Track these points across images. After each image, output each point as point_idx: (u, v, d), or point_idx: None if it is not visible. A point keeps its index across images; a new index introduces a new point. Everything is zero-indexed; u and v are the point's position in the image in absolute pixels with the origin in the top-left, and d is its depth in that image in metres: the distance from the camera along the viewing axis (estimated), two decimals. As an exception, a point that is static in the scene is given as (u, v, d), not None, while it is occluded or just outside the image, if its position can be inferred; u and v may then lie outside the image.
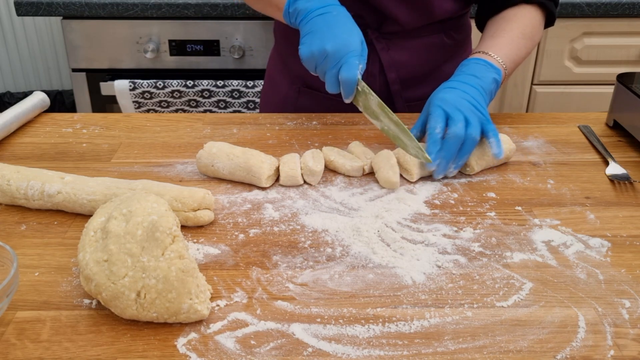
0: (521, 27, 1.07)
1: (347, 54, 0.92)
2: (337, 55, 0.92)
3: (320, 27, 0.94)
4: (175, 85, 1.88)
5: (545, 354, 0.61)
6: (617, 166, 0.96)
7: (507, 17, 1.09)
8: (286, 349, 0.61)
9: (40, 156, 0.99)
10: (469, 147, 0.91)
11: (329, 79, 0.94)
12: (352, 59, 0.91)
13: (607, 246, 0.78)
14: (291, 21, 1.01)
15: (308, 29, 0.95)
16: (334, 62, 0.92)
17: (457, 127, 0.90)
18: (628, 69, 1.97)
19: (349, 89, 0.93)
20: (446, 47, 1.18)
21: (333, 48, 0.92)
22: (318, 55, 0.93)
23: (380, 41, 1.13)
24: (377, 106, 0.94)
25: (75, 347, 0.61)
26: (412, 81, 1.18)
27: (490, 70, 0.99)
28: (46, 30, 2.73)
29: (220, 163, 0.90)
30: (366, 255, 0.75)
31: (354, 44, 0.93)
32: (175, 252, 0.64)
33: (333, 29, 0.94)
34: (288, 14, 1.00)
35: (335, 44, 0.92)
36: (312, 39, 0.94)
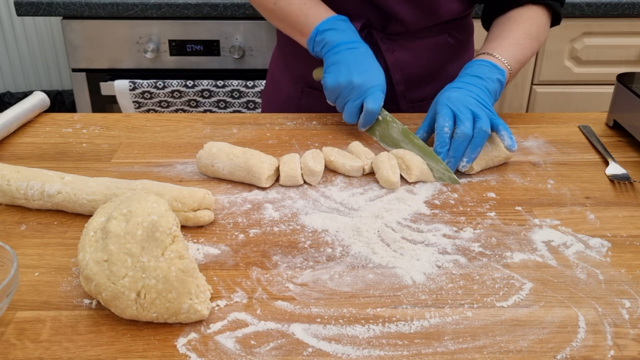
0: (526, 28, 1.08)
1: (372, 87, 0.99)
2: (362, 88, 0.98)
3: (347, 60, 1.00)
4: (175, 85, 1.88)
5: (545, 354, 0.61)
6: (617, 166, 0.96)
7: (513, 18, 1.10)
8: (286, 349, 0.61)
9: (40, 156, 0.99)
10: (481, 141, 0.92)
11: (349, 109, 1.00)
12: (378, 92, 0.99)
13: (607, 246, 0.78)
14: (315, 49, 1.05)
15: (335, 60, 1.01)
16: (359, 95, 0.99)
17: (464, 125, 0.91)
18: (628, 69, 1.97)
19: (371, 118, 1.00)
20: (450, 47, 1.18)
21: (360, 81, 0.98)
22: (344, 86, 0.99)
23: (385, 42, 1.14)
24: (401, 133, 0.98)
25: (75, 347, 0.61)
26: (416, 81, 1.18)
27: (494, 71, 1.01)
28: (46, 30, 2.73)
29: (220, 163, 0.90)
30: (366, 255, 0.75)
31: (379, 79, 1.00)
32: (175, 252, 0.64)
33: (360, 64, 1.00)
34: (314, 41, 1.04)
35: (363, 77, 0.99)
36: (339, 71, 1.00)
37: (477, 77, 0.99)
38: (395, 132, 0.99)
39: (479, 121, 0.92)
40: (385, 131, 1.00)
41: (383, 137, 1.01)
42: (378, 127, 1.01)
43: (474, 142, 0.92)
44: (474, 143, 0.92)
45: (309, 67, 1.17)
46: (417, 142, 0.96)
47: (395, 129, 0.99)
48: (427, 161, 0.93)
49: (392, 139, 0.99)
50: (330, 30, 1.03)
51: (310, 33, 1.04)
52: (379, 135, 1.01)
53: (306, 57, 1.15)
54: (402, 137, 0.98)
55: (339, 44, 1.02)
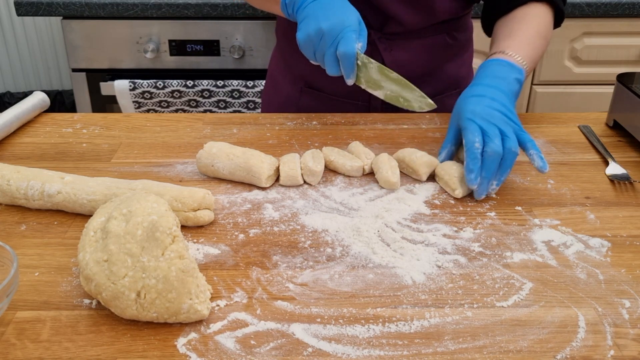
0: (535, 26, 1.05)
1: (343, 29, 0.91)
2: (333, 32, 0.91)
3: (315, 11, 0.93)
4: (175, 85, 1.88)
5: (545, 354, 0.61)
6: (617, 166, 0.96)
7: (519, 17, 1.06)
8: (286, 349, 0.61)
9: (40, 156, 0.99)
10: (510, 162, 0.87)
11: (328, 59, 0.93)
12: (349, 34, 0.90)
13: (607, 246, 0.78)
14: (288, 12, 1.00)
15: (304, 15, 0.95)
16: (331, 40, 0.91)
17: (494, 143, 0.86)
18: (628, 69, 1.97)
19: (349, 64, 0.91)
20: (448, 47, 1.18)
21: (329, 26, 0.91)
22: (314, 35, 0.92)
23: (382, 42, 1.13)
24: (378, 72, 0.93)
25: (75, 347, 0.61)
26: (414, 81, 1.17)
27: (512, 70, 0.97)
28: (46, 30, 2.73)
29: (220, 163, 0.90)
30: (366, 255, 0.75)
31: (349, 20, 0.92)
32: (175, 252, 0.64)
33: (328, 10, 0.93)
34: (285, 5, 0.99)
35: (331, 21, 0.91)
36: (308, 23, 0.93)
37: (496, 77, 0.95)
38: (374, 72, 0.94)
39: (507, 140, 0.87)
40: (367, 75, 0.94)
41: (368, 82, 0.95)
42: (361, 74, 0.95)
43: (504, 165, 0.87)
44: (503, 165, 0.87)
45: (309, 67, 1.18)
46: (391, 75, 0.93)
47: (373, 68, 0.93)
48: (403, 93, 0.92)
49: (374, 81, 0.94)
50: None
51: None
52: (364, 81, 0.95)
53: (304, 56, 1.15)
54: (379, 76, 0.93)
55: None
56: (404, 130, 1.08)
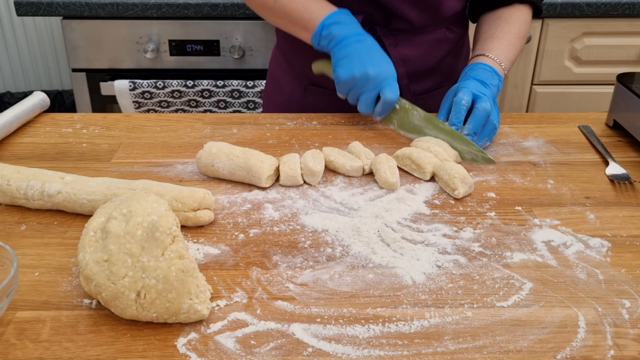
0: (517, 28, 1.13)
1: (387, 77, 1.01)
2: (378, 79, 1.00)
3: (358, 53, 1.01)
4: (175, 85, 1.88)
5: (545, 354, 0.61)
6: (617, 166, 0.96)
7: (504, 17, 1.14)
8: (286, 349, 0.61)
9: (40, 156, 0.99)
10: (489, 130, 0.99)
11: (365, 100, 1.02)
12: (393, 82, 1.01)
13: (607, 246, 0.78)
14: (321, 43, 1.06)
15: (345, 54, 1.02)
16: (374, 85, 1.01)
17: (484, 103, 0.97)
18: (628, 69, 1.97)
19: (389, 108, 1.02)
20: (449, 41, 1.20)
21: (375, 72, 1.00)
22: (359, 78, 1.00)
23: (388, 37, 1.15)
24: (424, 120, 1.01)
25: (75, 347, 0.61)
26: (418, 75, 1.20)
27: (495, 77, 1.05)
28: (46, 30, 2.73)
29: (220, 163, 0.90)
30: (366, 255, 0.75)
31: (392, 70, 1.02)
32: (175, 252, 0.64)
33: (372, 56, 1.01)
34: (319, 36, 1.05)
35: (377, 69, 1.00)
36: (352, 63, 1.01)
37: (482, 82, 1.03)
38: (416, 119, 1.02)
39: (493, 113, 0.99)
40: (405, 119, 1.03)
41: (402, 125, 1.03)
42: (395, 116, 1.03)
43: (484, 130, 0.98)
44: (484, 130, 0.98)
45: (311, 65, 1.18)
46: (442, 126, 0.99)
47: (417, 116, 1.02)
48: (457, 145, 0.97)
49: (413, 125, 1.02)
50: (336, 24, 1.04)
51: (315, 28, 1.05)
52: (397, 123, 1.04)
53: (308, 54, 1.15)
54: (424, 124, 1.01)
55: (346, 36, 1.02)
56: (404, 130, 1.08)
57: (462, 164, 0.95)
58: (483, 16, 1.18)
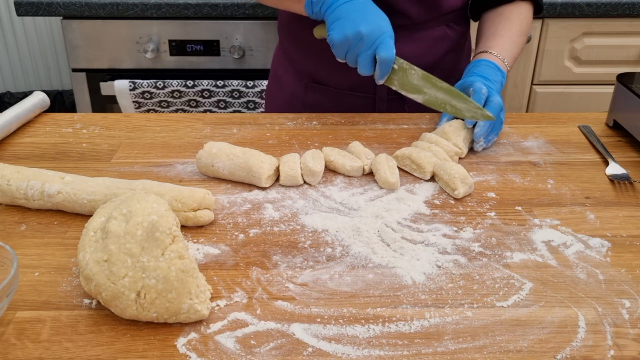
0: (518, 25, 1.14)
1: (381, 35, 0.97)
2: (372, 37, 0.96)
3: (350, 13, 0.98)
4: (175, 85, 1.88)
5: (545, 354, 0.61)
6: (617, 166, 0.96)
7: (505, 15, 1.15)
8: (286, 349, 0.61)
9: (40, 156, 0.99)
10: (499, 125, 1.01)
11: (363, 61, 0.98)
12: (388, 40, 0.97)
13: (607, 246, 0.78)
14: (314, 10, 1.03)
15: (337, 16, 0.99)
16: (369, 44, 0.96)
17: (497, 97, 1.00)
18: (628, 69, 1.97)
19: (386, 67, 0.98)
20: (449, 38, 1.20)
21: (368, 30, 0.96)
22: (352, 38, 0.96)
23: None
24: (422, 78, 0.99)
25: (75, 347, 0.61)
26: None
27: (498, 73, 1.06)
28: (46, 30, 2.73)
29: (220, 163, 0.90)
30: (366, 255, 0.75)
31: (386, 26, 0.98)
32: (175, 252, 0.64)
33: (364, 14, 0.98)
34: (311, 3, 1.03)
35: (370, 26, 0.96)
36: (344, 24, 0.97)
37: (485, 79, 1.04)
38: (415, 78, 1.00)
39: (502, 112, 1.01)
40: (404, 79, 1.01)
41: (403, 85, 1.01)
42: (395, 77, 1.01)
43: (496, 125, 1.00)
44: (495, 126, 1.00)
45: (313, 62, 1.18)
46: (440, 84, 0.98)
47: (415, 75, 1.00)
48: (456, 102, 0.97)
49: (413, 85, 1.00)
50: None
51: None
52: (398, 83, 1.01)
53: (310, 52, 1.15)
54: (423, 83, 0.99)
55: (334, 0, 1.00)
56: (404, 130, 1.08)
57: (462, 163, 0.95)
58: (485, 14, 1.19)
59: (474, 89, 1.01)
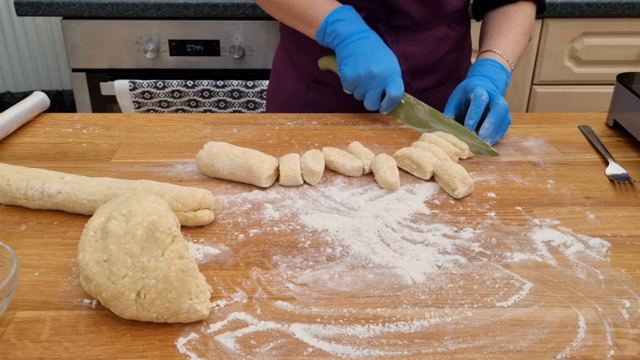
0: (521, 24, 1.14)
1: (391, 74, 1.03)
2: (382, 76, 1.02)
3: (363, 51, 1.03)
4: (175, 85, 1.88)
5: (545, 354, 0.61)
6: (617, 166, 0.96)
7: (508, 14, 1.16)
8: (286, 349, 0.61)
9: (40, 156, 0.99)
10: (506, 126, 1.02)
11: (371, 97, 1.04)
12: (398, 79, 1.03)
13: (607, 246, 0.78)
14: (325, 40, 1.07)
15: (349, 52, 1.04)
16: (379, 83, 1.03)
17: (501, 99, 1.01)
18: (628, 69, 1.97)
19: (394, 104, 1.05)
20: (451, 38, 1.20)
21: (379, 70, 1.02)
22: (364, 76, 1.02)
23: (390, 34, 1.15)
24: (428, 114, 1.03)
25: (75, 347, 0.61)
26: (420, 72, 1.21)
27: (503, 73, 1.07)
28: (46, 30, 2.73)
29: (220, 163, 0.90)
30: (366, 255, 0.75)
31: (396, 66, 1.04)
32: (175, 252, 0.64)
33: (376, 53, 1.03)
34: (324, 33, 1.06)
35: (382, 66, 1.02)
36: (357, 61, 1.03)
37: (490, 79, 1.05)
38: (421, 113, 1.04)
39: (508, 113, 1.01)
40: (410, 113, 1.05)
41: (408, 119, 1.06)
42: (401, 110, 1.06)
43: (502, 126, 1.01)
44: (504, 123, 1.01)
45: (315, 62, 1.18)
46: (447, 120, 1.02)
47: (422, 110, 1.04)
48: (462, 138, 0.99)
49: (419, 119, 1.04)
50: (340, 21, 1.05)
51: (319, 25, 1.06)
52: (404, 117, 1.06)
53: (311, 52, 1.16)
54: (429, 117, 1.03)
55: (350, 34, 1.04)
56: (404, 130, 1.08)
57: (462, 163, 0.95)
58: (488, 14, 1.20)
59: (474, 95, 1.01)
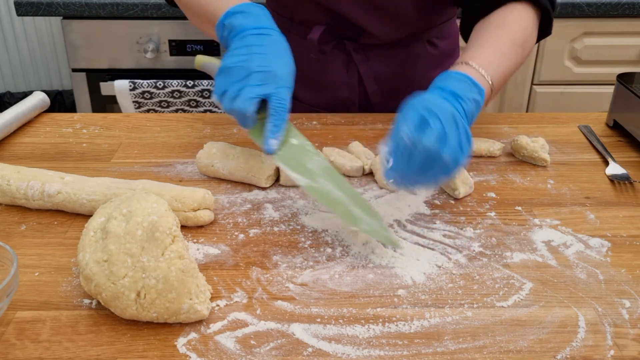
0: (511, 33, 0.91)
1: (277, 78, 0.80)
2: (263, 76, 0.80)
3: (251, 45, 0.82)
4: (175, 85, 1.88)
5: (545, 354, 0.61)
6: (617, 166, 0.96)
7: (495, 22, 0.93)
8: (286, 349, 0.61)
9: (40, 156, 0.99)
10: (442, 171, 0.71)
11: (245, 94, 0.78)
12: (284, 89, 0.80)
13: (607, 246, 0.78)
14: (223, 35, 0.88)
15: (239, 44, 0.83)
16: (258, 82, 0.79)
17: (429, 136, 0.70)
18: (628, 69, 1.97)
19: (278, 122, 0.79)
20: (431, 56, 1.15)
21: (261, 68, 0.80)
22: (239, 68, 0.81)
23: (358, 52, 1.11)
24: (322, 169, 0.80)
25: (75, 347, 0.61)
26: (394, 92, 1.15)
27: (473, 88, 0.80)
28: (46, 30, 2.73)
29: (220, 163, 0.90)
30: (366, 255, 0.75)
31: (285, 73, 0.82)
32: (175, 252, 0.64)
33: (265, 49, 0.82)
34: (222, 26, 0.87)
35: (265, 64, 0.80)
36: (242, 54, 0.82)
37: (453, 93, 0.78)
38: (313, 164, 0.81)
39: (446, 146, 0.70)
40: (297, 159, 0.81)
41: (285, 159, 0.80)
42: (287, 149, 0.81)
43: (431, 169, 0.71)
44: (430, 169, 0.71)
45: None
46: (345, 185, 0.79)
47: (315, 162, 0.81)
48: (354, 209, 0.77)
49: (306, 168, 0.80)
50: (240, 13, 0.86)
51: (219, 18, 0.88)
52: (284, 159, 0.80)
53: None
54: (320, 172, 0.80)
55: (245, 28, 0.84)
56: (404, 130, 1.08)
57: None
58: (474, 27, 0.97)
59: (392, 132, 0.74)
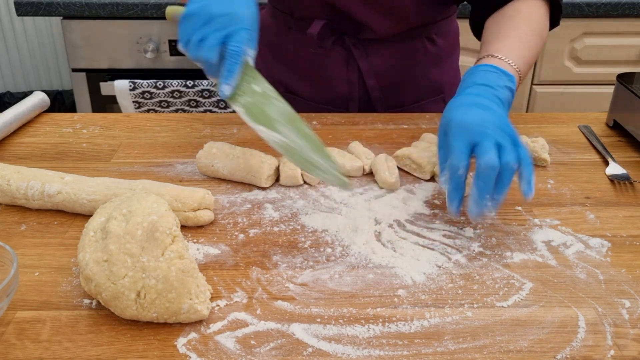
0: (527, 23, 0.94)
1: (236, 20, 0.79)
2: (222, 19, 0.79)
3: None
4: (175, 85, 1.88)
5: (545, 354, 0.61)
6: (617, 166, 0.96)
7: (509, 14, 0.96)
8: (286, 349, 0.61)
9: (40, 156, 0.99)
10: (508, 179, 0.74)
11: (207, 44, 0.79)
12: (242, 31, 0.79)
13: (607, 246, 0.78)
14: None
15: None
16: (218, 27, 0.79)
17: (488, 156, 0.73)
18: (628, 69, 1.97)
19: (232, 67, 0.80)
20: (430, 53, 1.15)
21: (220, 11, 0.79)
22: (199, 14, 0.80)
23: (358, 47, 1.11)
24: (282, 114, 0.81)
25: (75, 347, 0.61)
26: (393, 87, 1.15)
27: (503, 77, 0.84)
28: (46, 30, 2.73)
29: (220, 163, 0.90)
30: (366, 255, 0.75)
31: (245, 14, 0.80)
32: (175, 252, 0.64)
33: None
34: None
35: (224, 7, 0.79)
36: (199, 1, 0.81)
37: (484, 85, 0.82)
38: (273, 110, 0.81)
39: (505, 153, 0.74)
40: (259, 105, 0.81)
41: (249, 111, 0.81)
42: (248, 96, 0.81)
43: (501, 182, 0.74)
44: (500, 183, 0.74)
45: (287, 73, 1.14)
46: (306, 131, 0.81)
47: (275, 107, 0.81)
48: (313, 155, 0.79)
49: (265, 115, 0.80)
50: None
51: None
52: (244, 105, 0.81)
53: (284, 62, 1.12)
54: (281, 119, 0.81)
55: None
56: (404, 130, 1.08)
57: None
58: (486, 21, 1.00)
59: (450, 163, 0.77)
